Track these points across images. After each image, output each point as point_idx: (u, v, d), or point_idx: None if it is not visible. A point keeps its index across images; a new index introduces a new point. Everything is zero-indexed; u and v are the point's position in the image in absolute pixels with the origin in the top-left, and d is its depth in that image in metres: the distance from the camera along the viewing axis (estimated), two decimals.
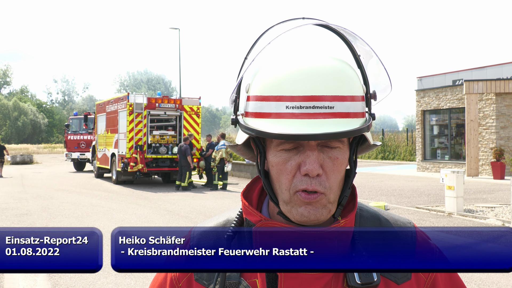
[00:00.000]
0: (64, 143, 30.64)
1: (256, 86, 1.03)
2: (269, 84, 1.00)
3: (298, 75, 0.98)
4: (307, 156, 0.97)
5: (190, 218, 11.38)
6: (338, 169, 1.00)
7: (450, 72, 25.75)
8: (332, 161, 0.99)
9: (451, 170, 11.78)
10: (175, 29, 39.39)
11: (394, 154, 36.35)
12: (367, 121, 1.02)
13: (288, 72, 0.99)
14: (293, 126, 0.95)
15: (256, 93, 1.02)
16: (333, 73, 0.99)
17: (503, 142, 21.71)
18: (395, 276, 1.06)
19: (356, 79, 1.03)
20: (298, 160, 0.98)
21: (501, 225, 10.20)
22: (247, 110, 1.04)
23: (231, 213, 1.17)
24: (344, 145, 1.01)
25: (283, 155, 0.99)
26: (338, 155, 1.00)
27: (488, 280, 6.41)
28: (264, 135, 0.97)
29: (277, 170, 1.00)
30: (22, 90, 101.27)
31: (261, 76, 1.03)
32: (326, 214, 1.00)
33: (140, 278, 6.60)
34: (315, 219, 0.99)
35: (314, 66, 0.99)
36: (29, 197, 15.20)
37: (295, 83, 0.97)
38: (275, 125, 0.97)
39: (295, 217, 0.99)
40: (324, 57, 1.02)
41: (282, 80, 0.99)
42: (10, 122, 78.47)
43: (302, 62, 1.00)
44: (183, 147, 17.88)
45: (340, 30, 1.07)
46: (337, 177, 1.00)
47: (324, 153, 0.99)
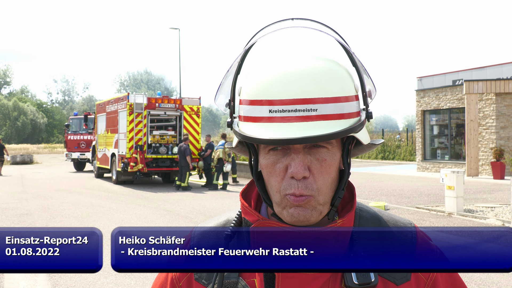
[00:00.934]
0: (64, 143, 30.65)
1: (245, 89, 1.04)
2: (253, 88, 1.01)
3: (285, 78, 0.98)
4: (292, 159, 0.98)
5: (190, 218, 11.39)
6: (327, 171, 0.99)
7: (450, 72, 25.75)
8: (320, 163, 0.99)
9: (451, 170, 11.78)
10: (175, 29, 39.45)
11: (394, 154, 36.37)
12: (360, 120, 1.00)
13: (275, 75, 0.99)
14: (280, 130, 0.95)
15: (246, 96, 1.03)
16: (321, 73, 0.98)
17: (503, 142, 21.71)
18: (394, 277, 1.05)
19: (347, 78, 1.02)
20: (285, 162, 0.99)
21: (501, 225, 10.20)
22: (239, 114, 1.05)
23: (231, 213, 1.18)
24: (334, 146, 1.00)
25: (271, 158, 1.00)
26: (326, 156, 0.99)
27: (488, 280, 6.41)
28: (249, 140, 0.98)
29: (267, 173, 1.01)
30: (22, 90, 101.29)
31: (249, 80, 1.04)
32: (316, 215, 1.00)
33: (140, 278, 6.60)
34: (305, 220, 0.99)
35: (301, 68, 0.99)
36: (29, 197, 15.20)
37: (282, 86, 0.97)
38: (263, 130, 0.97)
39: (286, 218, 1.00)
40: (312, 58, 1.01)
41: (270, 84, 0.99)
42: (10, 122, 78.48)
43: (289, 64, 1.00)
44: (183, 147, 17.88)
45: (318, 29, 1.06)
46: (326, 179, 1.00)
47: (311, 154, 0.99)
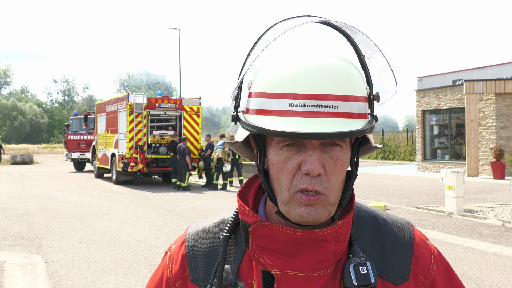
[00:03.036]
0: (64, 143, 30.65)
1: (258, 82, 1.01)
2: (272, 81, 0.98)
3: (302, 73, 0.96)
4: (308, 155, 0.95)
5: (190, 218, 11.38)
6: (340, 170, 0.98)
7: (450, 72, 25.74)
8: (334, 162, 0.97)
9: (451, 170, 11.78)
10: (175, 29, 39.44)
11: (394, 154, 36.35)
12: (370, 122, 1.00)
13: (292, 69, 0.98)
14: (295, 124, 0.93)
15: (259, 89, 1.00)
16: (338, 72, 0.97)
17: (503, 142, 21.70)
18: (393, 277, 1.05)
19: (360, 79, 1.01)
20: (299, 159, 0.96)
21: (501, 225, 10.19)
22: (248, 107, 1.02)
23: (227, 213, 1.16)
24: (347, 146, 1.00)
25: (284, 154, 0.98)
26: (340, 155, 0.98)
27: (488, 280, 6.40)
28: (265, 132, 0.95)
29: (277, 169, 0.99)
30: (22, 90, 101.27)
31: (264, 73, 1.01)
32: (326, 215, 0.98)
33: (140, 278, 6.59)
34: (314, 220, 0.97)
35: (318, 64, 0.98)
36: (29, 197, 15.19)
37: (299, 81, 0.96)
38: (277, 123, 0.95)
39: (294, 218, 0.98)
40: (329, 55, 1.01)
41: (286, 78, 0.97)
42: (9, 122, 78.48)
43: (306, 60, 0.99)
44: (182, 147, 17.86)
45: (342, 27, 1.05)
46: (338, 178, 0.99)
47: (326, 153, 0.97)
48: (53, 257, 7.80)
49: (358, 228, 1.09)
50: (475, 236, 9.17)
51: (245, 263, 1.06)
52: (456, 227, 10.04)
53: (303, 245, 0.99)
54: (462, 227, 9.99)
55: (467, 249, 8.07)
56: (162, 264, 1.17)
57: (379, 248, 1.07)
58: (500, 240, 8.78)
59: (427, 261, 1.09)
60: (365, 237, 1.08)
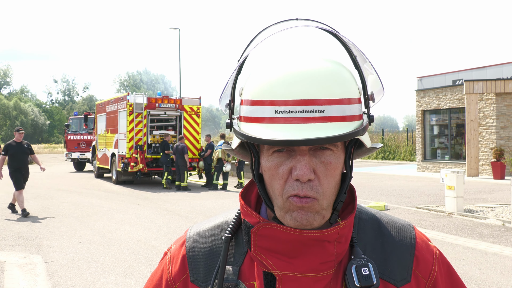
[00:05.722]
0: (64, 143, 30.63)
1: (248, 89, 1.02)
2: (260, 88, 0.98)
3: (289, 79, 0.96)
4: (297, 161, 0.95)
5: (190, 218, 11.38)
6: (332, 174, 0.98)
7: (450, 72, 25.74)
8: (325, 166, 0.97)
9: (451, 170, 11.78)
10: (175, 29, 39.44)
11: (394, 154, 36.35)
12: (363, 123, 0.99)
13: (279, 75, 0.97)
14: (284, 131, 0.93)
15: (248, 97, 1.01)
16: (326, 75, 0.97)
17: (503, 142, 21.71)
18: (395, 279, 1.05)
19: (352, 80, 1.01)
20: (289, 164, 0.97)
21: (501, 225, 10.19)
22: (241, 114, 1.03)
23: (228, 214, 1.16)
24: (338, 149, 0.99)
25: (275, 160, 0.98)
26: (331, 159, 0.97)
27: (488, 280, 6.40)
28: (253, 141, 0.95)
29: (270, 175, 0.99)
30: (22, 90, 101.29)
31: (253, 80, 1.01)
32: (319, 220, 0.98)
33: (140, 278, 6.59)
34: (308, 224, 0.97)
35: (306, 69, 0.97)
36: (29, 197, 15.18)
37: (287, 86, 0.95)
38: (266, 130, 0.95)
39: (288, 222, 0.98)
40: (317, 59, 1.00)
41: (274, 84, 0.97)
42: (10, 122, 78.52)
43: (293, 65, 0.98)
44: (180, 146, 17.84)
45: (326, 29, 1.04)
46: (331, 182, 0.98)
47: (316, 157, 0.97)
48: (53, 257, 7.80)
49: (359, 229, 1.09)
50: (475, 236, 9.17)
51: (246, 264, 1.05)
52: (456, 227, 10.04)
53: (306, 246, 0.99)
54: (462, 227, 9.99)
55: (467, 249, 8.07)
56: (162, 264, 1.17)
57: (380, 250, 1.07)
58: (500, 240, 8.78)
59: (429, 262, 1.09)
60: (366, 239, 1.08)
